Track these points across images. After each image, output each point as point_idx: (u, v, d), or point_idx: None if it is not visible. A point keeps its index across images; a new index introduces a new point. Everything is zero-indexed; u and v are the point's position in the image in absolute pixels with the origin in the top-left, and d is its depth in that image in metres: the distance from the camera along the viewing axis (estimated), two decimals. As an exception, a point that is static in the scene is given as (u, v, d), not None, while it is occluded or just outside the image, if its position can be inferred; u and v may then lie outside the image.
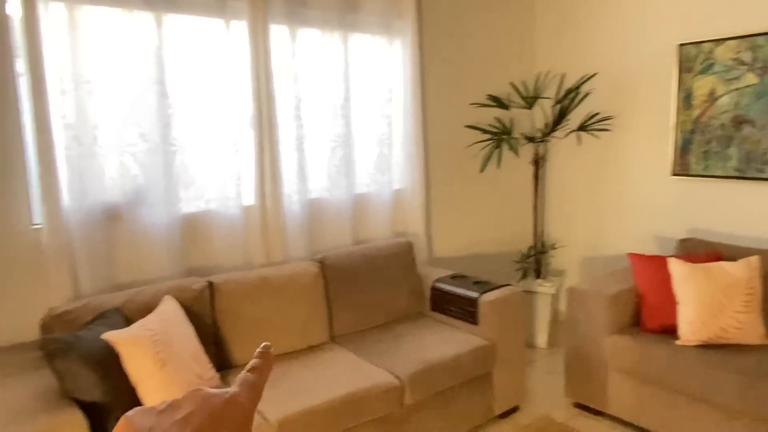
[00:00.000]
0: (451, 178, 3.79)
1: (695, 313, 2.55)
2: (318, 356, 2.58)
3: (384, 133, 3.34)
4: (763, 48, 3.01)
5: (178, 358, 2.03)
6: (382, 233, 3.40)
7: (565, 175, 4.13)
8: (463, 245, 3.94)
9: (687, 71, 3.33)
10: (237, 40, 2.72)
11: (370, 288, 2.95)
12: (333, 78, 3.07)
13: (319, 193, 3.14)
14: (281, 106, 2.88)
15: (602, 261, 3.96)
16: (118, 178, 2.47)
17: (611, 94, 3.75)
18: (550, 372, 3.43)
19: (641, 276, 2.83)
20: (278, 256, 2.91)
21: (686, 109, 3.35)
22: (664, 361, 2.50)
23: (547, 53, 4.14)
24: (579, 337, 2.87)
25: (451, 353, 2.58)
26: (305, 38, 2.97)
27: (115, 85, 2.41)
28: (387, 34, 3.29)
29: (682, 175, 3.40)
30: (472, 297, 2.83)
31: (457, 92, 3.75)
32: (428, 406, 2.53)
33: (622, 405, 2.73)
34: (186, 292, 2.39)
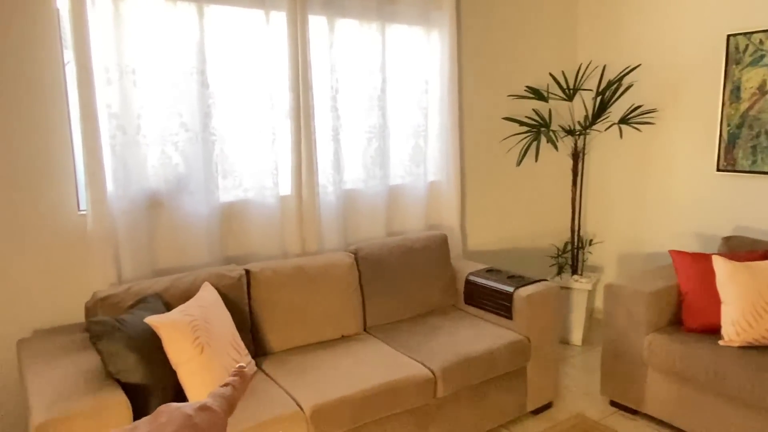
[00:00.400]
0: (486, 171, 3.75)
1: (740, 313, 2.47)
2: (351, 346, 2.60)
3: (420, 125, 3.33)
4: (820, 38, 2.87)
5: (217, 344, 2.07)
6: (416, 225, 3.40)
7: (604, 169, 4.04)
8: (498, 239, 3.90)
9: (735, 63, 3.21)
10: (276, 31, 2.74)
11: (404, 280, 2.95)
12: (370, 69, 3.07)
13: (354, 184, 3.15)
14: (318, 97, 2.90)
15: (641, 258, 3.86)
16: (159, 167, 2.52)
17: (655, 86, 3.64)
18: (584, 369, 3.38)
19: (683, 274, 2.75)
20: (313, 246, 2.93)
21: (734, 103, 3.23)
22: (706, 361, 2.43)
23: (588, 44, 4.04)
24: (616, 335, 2.82)
25: (485, 347, 2.56)
26: (343, 29, 2.97)
27: (157, 75, 2.46)
28: (425, 24, 3.26)
29: (728, 170, 3.29)
30: (507, 291, 2.80)
31: (495, 84, 3.70)
32: (461, 399, 2.52)
33: (660, 405, 2.67)
34: (224, 279, 2.43)
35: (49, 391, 1.80)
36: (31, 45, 2.24)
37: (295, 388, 2.20)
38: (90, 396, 1.77)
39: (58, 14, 2.30)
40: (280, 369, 2.37)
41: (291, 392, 2.18)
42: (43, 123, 2.30)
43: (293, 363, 2.42)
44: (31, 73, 2.25)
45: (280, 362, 2.43)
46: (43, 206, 2.33)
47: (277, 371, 2.35)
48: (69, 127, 2.36)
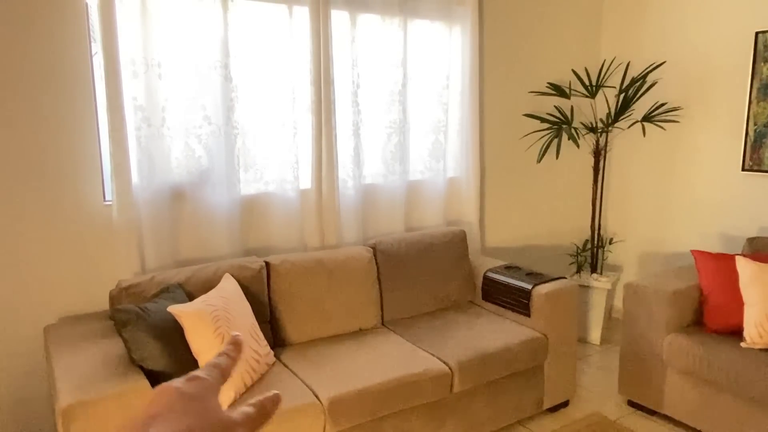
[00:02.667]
0: (506, 168, 3.74)
1: (764, 314, 2.43)
2: (369, 339, 2.61)
3: (440, 121, 3.32)
4: None
5: (236, 334, 2.10)
6: (435, 221, 3.40)
7: (626, 168, 3.99)
8: (517, 236, 3.88)
9: (764, 61, 3.14)
10: (299, 26, 2.76)
11: (422, 275, 2.96)
12: (391, 64, 3.07)
13: (373, 178, 3.16)
14: (339, 92, 2.91)
15: (662, 257, 3.82)
16: (183, 159, 2.56)
17: (679, 83, 3.59)
18: (602, 368, 3.35)
19: (705, 274, 2.71)
20: (332, 239, 2.96)
21: (761, 101, 3.17)
22: (727, 363, 2.40)
23: (612, 40, 3.99)
24: (636, 334, 2.79)
25: (502, 343, 2.56)
26: (365, 24, 2.98)
27: (182, 68, 2.50)
28: (447, 20, 3.26)
29: (753, 170, 3.23)
30: (526, 288, 2.80)
31: (516, 80, 3.68)
32: (477, 394, 2.53)
33: (679, 406, 2.64)
34: (244, 270, 2.47)
35: (74, 375, 1.84)
36: (61, 39, 2.29)
37: (313, 379, 2.22)
38: (114, 381, 1.81)
39: (87, 8, 2.35)
40: (298, 360, 2.40)
41: (309, 383, 2.20)
42: (70, 115, 2.35)
43: (311, 355, 2.45)
44: (59, 66, 2.31)
45: (298, 354, 2.46)
46: (69, 196, 2.38)
47: (296, 362, 2.38)
48: (96, 119, 2.41)
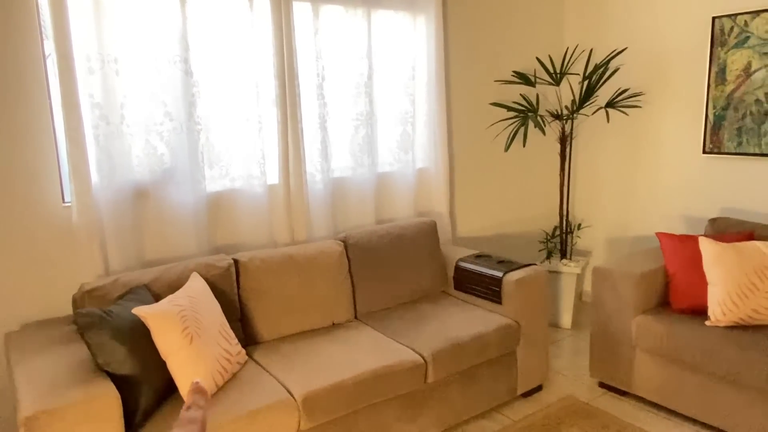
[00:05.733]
0: (475, 157, 3.75)
1: (726, 293, 2.50)
2: (342, 333, 2.60)
3: (407, 112, 3.31)
4: (804, 19, 2.88)
5: (206, 334, 2.07)
6: (405, 212, 3.39)
7: (592, 154, 4.05)
8: (487, 225, 3.91)
9: (721, 45, 3.22)
10: (260, 18, 2.71)
11: (394, 267, 2.95)
12: (356, 55, 3.04)
13: (342, 172, 3.14)
14: (304, 84, 2.88)
15: (629, 241, 3.90)
16: (144, 157, 2.50)
17: (641, 69, 3.65)
18: (574, 352, 3.41)
19: (670, 256, 2.77)
20: (302, 234, 2.93)
21: (719, 85, 3.24)
22: (693, 341, 2.46)
23: (575, 28, 4.03)
24: (605, 317, 2.84)
25: (475, 332, 2.57)
26: (328, 15, 2.94)
27: (140, 64, 2.43)
28: (411, 10, 3.24)
29: (714, 152, 3.31)
30: (497, 276, 2.82)
31: (482, 69, 3.69)
32: (452, 383, 2.54)
33: (648, 385, 2.70)
34: (212, 269, 2.42)
35: (37, 383, 1.78)
36: (11, 36, 2.20)
37: (285, 376, 2.20)
38: (79, 388, 1.76)
39: (37, 4, 2.26)
40: (270, 357, 2.37)
41: (282, 380, 2.18)
42: (24, 115, 2.26)
43: (284, 351, 2.42)
44: (11, 65, 2.21)
45: (270, 351, 2.43)
46: (27, 199, 2.30)
47: (268, 360, 2.35)
48: (51, 118, 2.32)
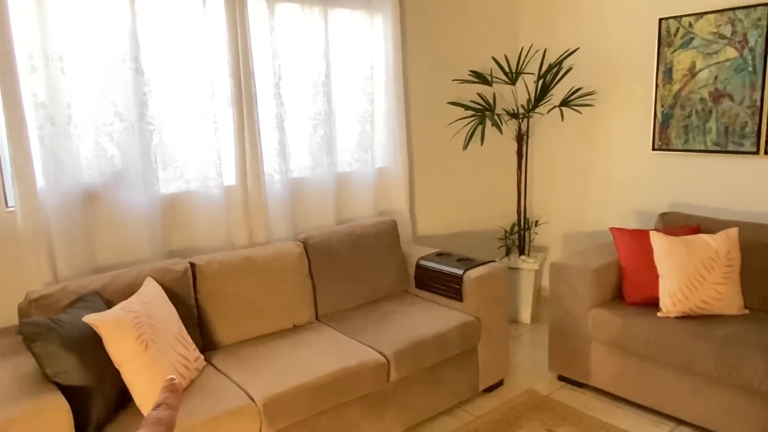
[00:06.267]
0: (434, 156, 3.78)
1: (676, 285, 2.59)
2: (303, 335, 2.57)
3: (366, 111, 3.31)
4: (742, 22, 3.02)
5: (162, 340, 2.01)
6: (366, 212, 3.39)
7: (548, 151, 4.14)
8: (447, 223, 3.94)
9: (667, 45, 3.33)
10: (214, 16, 2.65)
11: (355, 267, 2.94)
12: (313, 54, 3.02)
13: (301, 172, 3.11)
14: (260, 84, 2.83)
15: (585, 236, 3.99)
16: (93, 159, 2.41)
17: (593, 69, 3.75)
18: (534, 347, 3.47)
19: (623, 250, 2.86)
20: (261, 236, 2.88)
21: (667, 84, 3.36)
22: (645, 332, 2.54)
23: (530, 27, 4.11)
24: (562, 311, 2.91)
25: (436, 330, 2.59)
26: (284, 13, 2.90)
27: (88, 62, 2.34)
28: (367, 9, 3.23)
29: (662, 149, 3.43)
30: (457, 274, 2.84)
31: (440, 68, 3.72)
32: (414, 382, 2.54)
33: (605, 377, 2.77)
34: (168, 273, 2.35)
35: (-20, 398, 1.69)
36: (-56, 30, 2.08)
37: (246, 380, 2.16)
38: (26, 400, 1.68)
39: (-26, -3, 2.14)
40: (230, 362, 2.32)
41: (242, 385, 2.13)
42: (-39, 115, 2.14)
43: (244, 355, 2.38)
44: (-55, 61, 2.09)
45: (230, 355, 2.38)
46: (-35, 204, 2.18)
47: (228, 364, 2.30)
48: (-9, 118, 2.21)
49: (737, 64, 3.07)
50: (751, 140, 3.05)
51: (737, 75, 3.07)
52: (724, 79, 3.12)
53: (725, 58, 3.11)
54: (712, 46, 3.15)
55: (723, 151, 3.16)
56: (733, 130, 3.11)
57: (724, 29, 3.09)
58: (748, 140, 3.06)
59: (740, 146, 3.09)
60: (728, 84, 3.11)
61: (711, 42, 3.15)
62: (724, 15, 3.09)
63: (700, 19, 3.18)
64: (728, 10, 3.07)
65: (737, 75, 3.07)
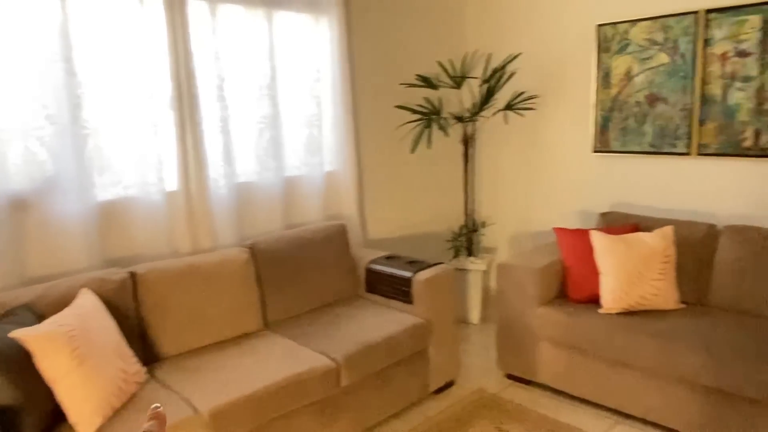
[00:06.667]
0: (383, 159, 3.78)
1: (616, 282, 2.68)
2: (251, 344, 2.51)
3: (313, 114, 3.27)
4: (673, 29, 3.16)
5: (99, 354, 1.92)
6: (315, 216, 3.35)
7: (493, 154, 4.21)
8: (397, 226, 3.95)
9: (605, 51, 3.46)
10: (152, 16, 2.56)
11: (304, 272, 2.90)
12: (258, 57, 2.96)
13: (247, 176, 3.04)
14: (203, 86, 2.75)
15: (531, 236, 4.09)
16: (23, 165, 2.27)
17: (536, 73, 3.85)
18: (483, 346, 3.52)
19: (566, 249, 2.94)
20: (206, 243, 2.80)
21: (605, 88, 3.49)
22: (588, 329, 2.61)
23: (475, 33, 4.18)
24: (509, 311, 2.96)
25: (386, 333, 2.58)
26: (227, 15, 2.84)
27: (14, 62, 2.21)
28: (313, 12, 3.20)
29: (602, 151, 3.55)
30: (406, 276, 2.85)
31: (387, 72, 3.72)
32: (365, 386, 2.53)
33: (551, 373, 2.84)
34: (105, 284, 2.25)
35: None
36: None
37: (191, 392, 2.09)
38: (-54, 425, 1.56)
39: None
40: (174, 374, 2.24)
41: (187, 397, 2.06)
42: None
43: (189, 367, 2.30)
44: None
45: (174, 367, 2.30)
46: None
47: (172, 377, 2.22)
48: None
49: (670, 69, 3.21)
50: (684, 142, 3.20)
51: (670, 79, 3.21)
52: (659, 83, 3.26)
53: (659, 64, 3.25)
54: (647, 51, 3.29)
55: (658, 152, 3.30)
56: (668, 133, 3.26)
57: (657, 36, 3.23)
58: (681, 142, 3.21)
59: (674, 147, 3.24)
60: (662, 88, 3.25)
61: (645, 48, 3.29)
62: (657, 22, 3.23)
63: (635, 26, 3.31)
64: (660, 18, 3.21)
65: (670, 79, 3.21)
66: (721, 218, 3.11)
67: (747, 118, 2.97)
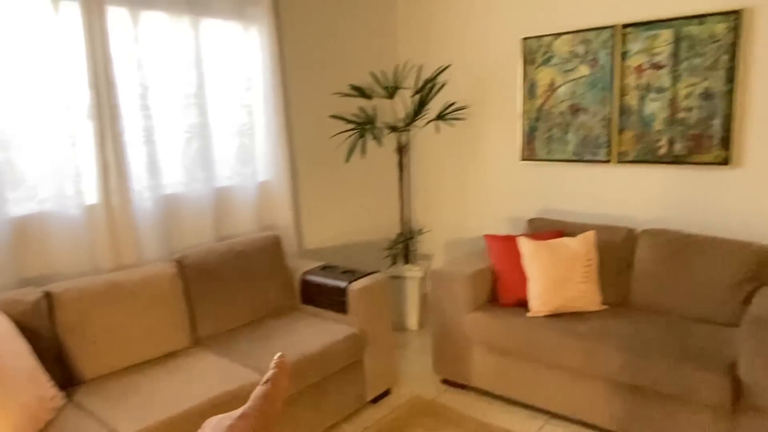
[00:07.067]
0: (318, 169, 3.76)
1: (543, 286, 2.77)
2: (179, 362, 2.43)
3: (244, 123, 3.22)
4: (593, 42, 3.32)
5: (11, 380, 1.80)
6: (248, 227, 3.29)
7: (427, 163, 4.28)
8: (334, 235, 3.93)
9: (530, 63, 3.58)
10: (68, 23, 2.44)
11: (237, 285, 2.84)
12: (184, 65, 2.89)
13: (174, 187, 2.95)
14: (125, 95, 2.65)
15: (465, 243, 4.17)
16: None
17: (466, 84, 3.94)
18: (420, 353, 3.55)
19: (496, 255, 3.01)
20: (130, 258, 2.69)
21: (531, 99, 3.61)
22: (517, 332, 2.69)
23: (406, 44, 4.24)
24: (443, 317, 3.00)
25: (321, 345, 2.56)
26: (150, 22, 2.75)
27: None
28: (242, 20, 3.15)
29: (530, 159, 3.67)
30: (341, 286, 2.84)
31: (321, 81, 3.71)
32: (299, 400, 2.50)
33: (484, 377, 2.90)
34: (17, 305, 2.12)
35: None
36: None
37: (112, 416, 1.99)
38: None
39: None
40: (95, 397, 2.13)
41: (108, 421, 1.97)
42: None
43: (111, 389, 2.20)
44: None
45: (95, 390, 2.19)
46: None
47: (92, 400, 2.11)
48: None
49: (590, 81, 3.36)
50: (604, 150, 3.36)
51: (591, 90, 3.37)
52: (580, 94, 3.41)
53: (580, 75, 3.40)
54: (569, 64, 3.43)
55: (581, 160, 3.45)
56: (590, 141, 3.41)
57: (578, 49, 3.38)
58: (602, 150, 3.36)
59: (596, 155, 3.39)
60: (583, 99, 3.40)
61: (567, 60, 3.43)
62: (578, 36, 3.38)
63: (558, 39, 3.45)
64: (581, 32, 3.36)
65: (591, 90, 3.37)
66: (640, 222, 3.28)
67: (662, 127, 3.15)
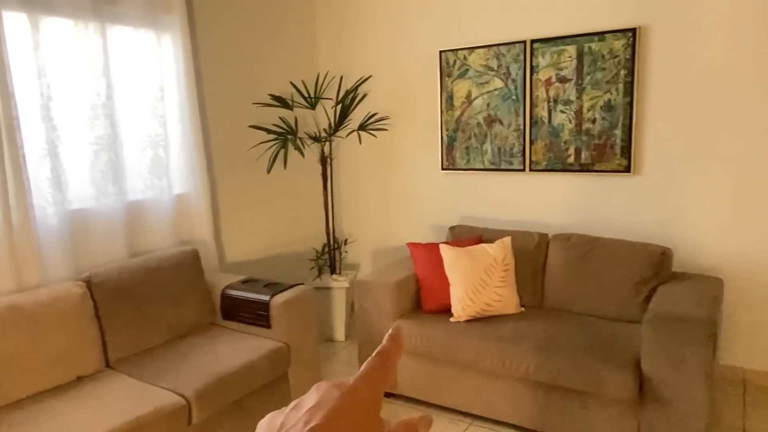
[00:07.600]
0: (238, 180, 3.68)
1: (464, 291, 2.85)
2: (89, 388, 2.29)
3: (158, 134, 3.10)
4: (506, 56, 3.47)
5: None
6: (164, 242, 3.16)
7: (352, 173, 4.29)
8: (258, 248, 3.86)
9: (448, 75, 3.69)
10: (-44, 26, 2.27)
11: (151, 303, 2.72)
12: (91, 74, 2.75)
13: (82, 202, 2.79)
14: (24, 106, 2.49)
15: (391, 251, 4.21)
16: None
17: (387, 95, 4.00)
18: (348, 363, 3.54)
19: (419, 262, 3.06)
20: (33, 279, 2.51)
21: (449, 110, 3.72)
22: (439, 338, 2.74)
23: (327, 55, 4.25)
24: (369, 326, 3.01)
25: (242, 361, 2.50)
26: (52, 28, 2.60)
27: None
28: (154, 27, 3.05)
29: (450, 169, 3.78)
30: (263, 300, 2.78)
31: (240, 91, 3.64)
32: (221, 419, 2.42)
33: (410, 384, 2.93)
34: None
35: None
36: None
37: None
38: None
39: None
40: (-9, 432, 1.97)
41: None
42: None
43: (11, 421, 2.04)
44: None
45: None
46: None
47: (-13, 435, 1.95)
48: None
49: (504, 93, 3.51)
50: (518, 159, 3.51)
51: (504, 102, 3.51)
52: (495, 106, 3.55)
53: (494, 88, 3.54)
54: (484, 76, 3.57)
55: (498, 169, 3.59)
56: (505, 151, 3.55)
57: (492, 62, 3.53)
58: (516, 159, 3.51)
59: (511, 164, 3.54)
60: (498, 110, 3.54)
61: (482, 73, 3.57)
62: (491, 50, 3.52)
63: (473, 53, 3.58)
64: (494, 46, 3.50)
65: (504, 102, 3.51)
66: (552, 227, 3.45)
67: (569, 137, 3.33)
